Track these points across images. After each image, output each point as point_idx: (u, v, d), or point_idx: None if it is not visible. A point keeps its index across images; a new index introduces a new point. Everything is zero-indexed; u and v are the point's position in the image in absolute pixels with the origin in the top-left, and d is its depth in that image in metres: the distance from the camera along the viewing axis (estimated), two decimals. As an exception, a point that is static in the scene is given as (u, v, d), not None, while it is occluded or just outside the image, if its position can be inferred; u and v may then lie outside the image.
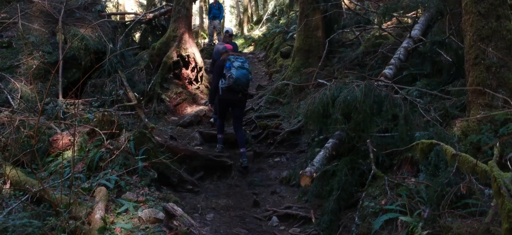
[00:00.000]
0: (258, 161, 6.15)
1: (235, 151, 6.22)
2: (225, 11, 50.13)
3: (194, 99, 8.30)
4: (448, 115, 4.62)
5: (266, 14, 23.03)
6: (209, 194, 5.17)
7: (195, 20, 49.43)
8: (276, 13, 22.11)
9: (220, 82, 5.94)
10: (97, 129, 5.18)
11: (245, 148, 5.92)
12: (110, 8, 25.46)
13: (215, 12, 15.05)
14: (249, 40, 19.63)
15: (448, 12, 6.92)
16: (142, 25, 9.61)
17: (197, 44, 25.66)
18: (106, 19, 8.50)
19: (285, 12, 20.53)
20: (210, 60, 8.12)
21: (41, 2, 7.79)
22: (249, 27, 25.19)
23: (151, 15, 9.74)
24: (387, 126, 4.49)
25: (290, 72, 7.95)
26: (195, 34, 41.22)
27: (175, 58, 8.18)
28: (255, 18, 37.60)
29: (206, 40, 18.83)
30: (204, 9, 37.66)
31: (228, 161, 5.75)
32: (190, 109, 8.04)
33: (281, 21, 19.61)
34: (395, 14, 6.93)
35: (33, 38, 7.28)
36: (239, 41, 20.48)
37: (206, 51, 15.29)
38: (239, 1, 42.78)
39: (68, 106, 6.45)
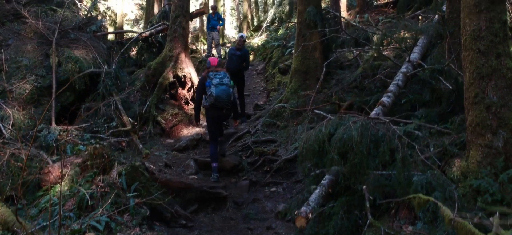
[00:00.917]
0: (254, 190, 6.04)
1: (231, 180, 6.11)
2: (226, 13, 50.23)
3: (190, 120, 8.19)
4: (447, 153, 4.50)
5: (266, 22, 22.91)
6: (203, 229, 5.06)
7: (196, 23, 49.53)
8: (276, 21, 22.00)
9: (203, 100, 6.08)
10: (89, 163, 5.08)
11: (222, 138, 6.44)
12: (108, 16, 25.38)
13: (214, 23, 14.92)
14: (248, 49, 19.50)
15: (448, 35, 6.81)
16: (139, 42, 9.49)
17: (196, 51, 25.67)
18: (101, 39, 8.39)
19: (285, 20, 20.45)
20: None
21: (34, 23, 7.68)
22: (249, 35, 25.06)
23: (147, 33, 9.63)
24: (384, 162, 4.38)
25: (288, 93, 7.84)
26: (195, 38, 41.30)
27: (171, 79, 8.08)
28: (255, 21, 37.62)
29: (205, 50, 18.71)
30: (204, 15, 37.58)
31: (223, 192, 5.63)
32: (186, 131, 7.94)
33: (279, 32, 19.50)
34: (394, 36, 6.78)
35: (26, 61, 7.18)
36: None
37: (204, 63, 15.21)
38: (240, 3, 42.83)
39: (61, 133, 6.34)
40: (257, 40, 22.11)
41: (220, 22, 15.43)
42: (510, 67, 4.17)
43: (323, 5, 17.88)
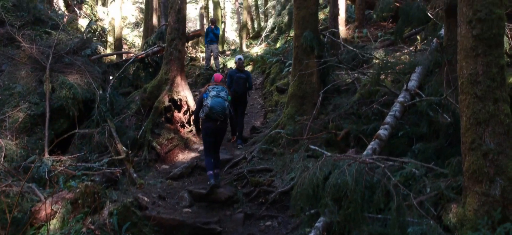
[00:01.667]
0: (249, 224, 5.94)
1: (226, 213, 6.03)
2: (226, 17, 50.27)
3: (186, 144, 8.11)
4: (443, 197, 4.41)
5: (265, 31, 22.85)
6: (196, 269, 4.97)
7: (196, 25, 49.57)
8: (276, 30, 21.93)
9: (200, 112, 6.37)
10: (80, 201, 5.01)
11: (219, 169, 6.48)
12: (108, 25, 25.43)
13: (212, 36, 14.87)
14: (247, 59, 19.44)
15: (446, 63, 6.73)
16: (135, 63, 9.42)
17: (196, 59, 25.61)
18: (96, 62, 8.31)
19: (284, 31, 20.37)
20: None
21: (28, 48, 7.62)
22: (248, 43, 25.02)
23: (143, 54, 9.56)
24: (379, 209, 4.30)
25: (284, 118, 7.75)
26: (195, 42, 41.23)
27: (166, 103, 8.01)
28: (256, 25, 37.60)
29: (203, 63, 18.62)
30: (204, 15, 37.68)
31: (217, 228, 5.54)
32: (182, 156, 7.86)
33: (278, 44, 19.43)
34: (391, 69, 6.69)
35: (20, 88, 7.11)
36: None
37: (202, 76, 15.16)
38: (240, 5, 42.80)
39: (54, 164, 6.27)
40: (256, 49, 22.05)
41: (218, 31, 15.35)
42: (508, 113, 4.09)
43: (321, 15, 17.84)
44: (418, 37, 9.19)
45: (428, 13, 8.25)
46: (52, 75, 7.41)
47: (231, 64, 20.50)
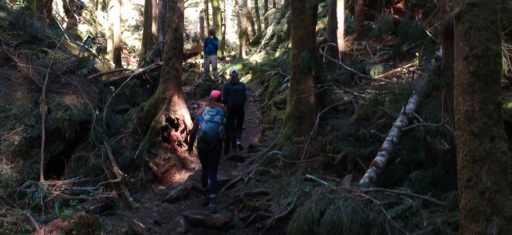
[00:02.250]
0: (245, 251, 5.91)
1: (222, 240, 6.00)
2: (226, 19, 50.26)
3: (183, 164, 8.08)
4: (440, 233, 4.38)
5: (265, 38, 22.83)
6: None
7: (196, 27, 49.53)
8: (275, 38, 21.92)
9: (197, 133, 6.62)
10: (74, 233, 4.97)
11: (216, 194, 6.56)
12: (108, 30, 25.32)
13: (211, 47, 14.83)
14: (246, 67, 19.44)
15: (444, 86, 6.69)
16: (133, 80, 9.38)
17: (195, 65, 25.55)
18: (92, 81, 8.27)
19: (283, 38, 20.34)
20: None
21: (25, 68, 7.58)
22: (248, 50, 25.00)
23: (140, 71, 9.53)
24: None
25: (282, 139, 7.70)
26: (196, 44, 41.21)
27: (163, 122, 7.97)
28: (256, 28, 37.52)
29: (203, 69, 18.58)
30: (204, 19, 37.69)
31: (212, 257, 5.50)
32: (179, 176, 7.82)
33: (277, 53, 19.41)
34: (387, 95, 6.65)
35: (16, 110, 7.08)
36: (237, 67, 20.31)
37: (201, 87, 15.12)
38: (240, 8, 42.82)
39: (49, 189, 6.23)
40: (256, 56, 22.03)
41: (216, 42, 15.31)
42: (505, 151, 4.04)
43: (320, 25, 17.82)
44: (417, 53, 9.14)
45: (426, 31, 8.21)
46: (48, 96, 7.37)
47: (230, 71, 20.47)
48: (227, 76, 20.20)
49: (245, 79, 18.34)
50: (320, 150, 7.15)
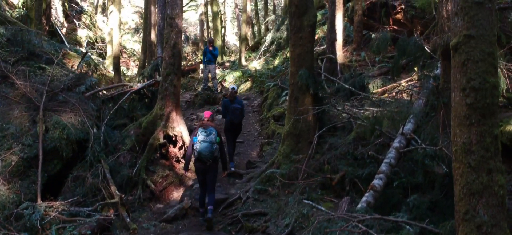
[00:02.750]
0: (242, 274, 5.89)
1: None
2: (227, 22, 50.28)
3: (181, 181, 8.06)
4: (437, 264, 4.36)
5: (264, 45, 22.80)
6: None
7: (196, 29, 49.49)
8: (274, 44, 21.90)
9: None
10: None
11: (213, 206, 6.71)
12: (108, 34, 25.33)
13: (210, 56, 14.83)
14: (246, 75, 19.42)
15: (442, 106, 6.68)
16: (131, 94, 9.36)
17: (195, 71, 25.51)
18: (90, 98, 8.25)
19: (283, 46, 20.32)
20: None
21: (22, 86, 7.56)
22: (247, 55, 24.96)
23: (139, 85, 9.51)
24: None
25: (280, 157, 7.68)
26: (196, 47, 40.99)
27: (161, 140, 7.96)
28: (256, 30, 37.47)
29: (202, 75, 18.58)
30: (204, 22, 37.70)
31: (209, 282, 5.48)
32: (177, 194, 7.81)
33: (277, 60, 19.39)
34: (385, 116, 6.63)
35: (13, 129, 7.06)
36: (236, 74, 20.32)
37: (200, 97, 15.10)
38: (240, 11, 42.85)
39: (46, 210, 6.21)
40: (255, 63, 22.00)
41: (216, 52, 15.31)
42: (502, 185, 4.03)
43: (319, 33, 17.80)
44: (416, 68, 9.12)
45: (425, 48, 8.20)
46: (45, 114, 7.35)
47: (229, 79, 20.47)
48: (226, 84, 20.24)
49: (244, 87, 18.33)
50: (318, 169, 7.14)
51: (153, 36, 19.58)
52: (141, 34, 34.33)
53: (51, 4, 21.22)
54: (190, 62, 34.94)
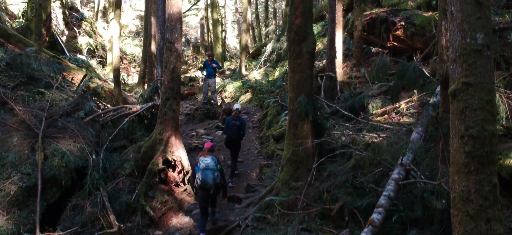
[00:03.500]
0: None
1: None
2: (227, 26, 50.33)
3: (180, 206, 8.05)
4: None
5: (264, 55, 22.81)
6: None
7: (197, 32, 49.56)
8: (274, 55, 21.91)
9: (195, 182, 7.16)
10: None
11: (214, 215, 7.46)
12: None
13: (210, 70, 14.83)
14: (246, 86, 19.43)
15: (441, 137, 6.66)
16: (130, 117, 9.35)
17: (195, 79, 25.44)
18: (89, 123, 8.24)
19: (283, 56, 20.31)
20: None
21: (21, 112, 7.56)
22: (247, 64, 24.97)
23: (138, 107, 9.51)
24: None
25: (279, 184, 7.67)
26: (196, 49, 40.98)
27: (160, 165, 7.95)
28: (256, 33, 37.51)
29: (202, 83, 18.57)
30: (205, 26, 37.74)
31: None
32: (176, 220, 7.80)
33: (277, 71, 19.39)
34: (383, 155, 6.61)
35: (12, 157, 7.05)
36: (237, 84, 20.33)
37: (200, 111, 15.10)
38: (240, 14, 42.92)
39: (45, 241, 6.20)
40: (255, 74, 22.01)
41: (218, 66, 15.35)
42: (501, 233, 4.02)
43: (320, 46, 17.80)
44: (415, 91, 9.11)
45: (424, 72, 8.18)
46: (44, 141, 7.34)
47: (230, 88, 20.49)
48: (226, 94, 20.26)
49: (244, 98, 18.35)
50: (317, 197, 7.12)
51: (153, 47, 19.55)
52: (142, 37, 34.29)
53: (51, 12, 21.22)
54: (190, 67, 35.01)
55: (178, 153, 8.20)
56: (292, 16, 7.63)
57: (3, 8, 20.57)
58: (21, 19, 21.04)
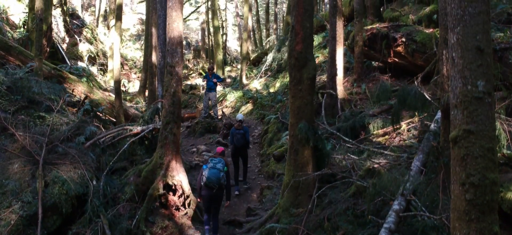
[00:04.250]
0: None
1: None
2: (228, 29, 50.38)
3: (180, 231, 8.01)
4: None
5: (265, 65, 22.83)
6: None
7: (198, 35, 49.65)
8: (275, 64, 21.92)
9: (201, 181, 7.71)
10: None
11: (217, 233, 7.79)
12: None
13: (211, 84, 14.84)
14: (246, 96, 19.43)
15: (443, 167, 6.64)
16: (131, 138, 9.34)
17: (196, 87, 25.39)
18: (90, 148, 8.24)
19: (283, 67, 20.33)
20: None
21: (22, 138, 7.56)
22: (248, 73, 24.99)
23: (139, 128, 9.50)
24: None
25: (279, 210, 7.66)
26: (197, 53, 41.00)
27: (161, 190, 7.94)
28: (257, 37, 37.53)
29: (204, 86, 18.52)
30: (205, 30, 37.80)
31: None
32: (176, 246, 7.79)
33: (278, 83, 19.40)
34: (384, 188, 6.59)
35: (13, 184, 7.05)
36: (237, 94, 20.33)
37: (200, 125, 15.09)
38: (241, 18, 42.98)
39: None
40: (256, 83, 22.03)
41: (219, 79, 15.36)
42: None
43: (320, 58, 17.79)
44: (416, 114, 9.10)
45: (426, 97, 8.16)
46: (45, 168, 7.33)
47: (231, 98, 20.48)
48: (227, 103, 20.26)
49: (245, 109, 18.35)
50: (318, 225, 7.11)
51: (154, 58, 19.54)
52: (142, 41, 34.24)
53: (52, 18, 21.21)
54: (191, 72, 35.03)
55: (179, 177, 8.19)
56: (292, 42, 7.63)
57: (4, 18, 20.57)
58: (22, 29, 21.04)
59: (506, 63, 9.55)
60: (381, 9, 17.15)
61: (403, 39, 12.16)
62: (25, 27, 20.55)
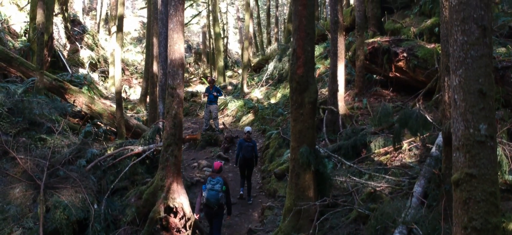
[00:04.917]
0: None
1: None
2: (229, 32, 50.39)
3: (182, 255, 8.03)
4: None
5: (266, 74, 22.83)
6: None
7: (199, 37, 49.64)
8: (276, 73, 21.93)
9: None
10: None
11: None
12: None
13: (211, 97, 14.85)
14: (247, 106, 19.42)
15: (444, 194, 6.62)
16: (132, 158, 9.34)
17: (197, 94, 25.37)
18: (91, 171, 8.24)
19: (284, 77, 20.33)
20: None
21: (23, 162, 7.56)
22: (249, 80, 24.99)
23: (140, 148, 9.50)
24: None
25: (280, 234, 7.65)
26: (198, 56, 40.99)
27: (162, 213, 7.93)
28: (258, 39, 37.51)
29: (205, 99, 18.53)
30: (206, 33, 37.81)
31: None
32: (177, 272, 7.78)
33: (279, 93, 19.39)
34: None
35: (14, 210, 7.05)
36: (238, 103, 20.32)
37: (202, 137, 15.07)
38: (242, 21, 42.94)
39: None
40: (257, 92, 22.03)
41: (220, 93, 15.37)
42: None
43: (321, 69, 17.78)
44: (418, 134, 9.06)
45: (427, 120, 8.14)
46: (46, 192, 7.33)
47: (232, 107, 20.47)
48: (228, 112, 20.25)
49: (246, 119, 18.35)
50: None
51: (155, 68, 19.55)
52: (144, 44, 34.22)
53: (53, 26, 21.23)
54: (192, 76, 35.04)
55: (180, 199, 8.18)
56: (294, 65, 7.61)
57: (5, 27, 20.60)
58: (23, 37, 21.06)
59: (508, 82, 9.51)
60: (382, 20, 17.13)
61: (405, 54, 12.14)
62: (27, 36, 20.57)
